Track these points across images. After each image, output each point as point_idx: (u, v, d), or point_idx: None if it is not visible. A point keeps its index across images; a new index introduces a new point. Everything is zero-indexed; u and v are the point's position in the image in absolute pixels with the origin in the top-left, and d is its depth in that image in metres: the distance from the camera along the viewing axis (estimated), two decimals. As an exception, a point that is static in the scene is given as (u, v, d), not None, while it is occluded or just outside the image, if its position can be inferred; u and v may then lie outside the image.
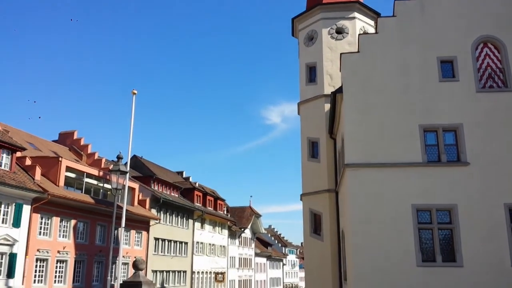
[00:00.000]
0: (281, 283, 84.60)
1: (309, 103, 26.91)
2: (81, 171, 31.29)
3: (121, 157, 15.90)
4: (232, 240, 59.28)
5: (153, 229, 38.29)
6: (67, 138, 38.88)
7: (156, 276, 38.75)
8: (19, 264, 24.72)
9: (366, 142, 18.49)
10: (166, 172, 52.02)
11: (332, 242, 24.13)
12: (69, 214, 28.88)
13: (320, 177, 25.38)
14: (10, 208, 24.59)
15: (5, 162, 25.35)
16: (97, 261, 31.20)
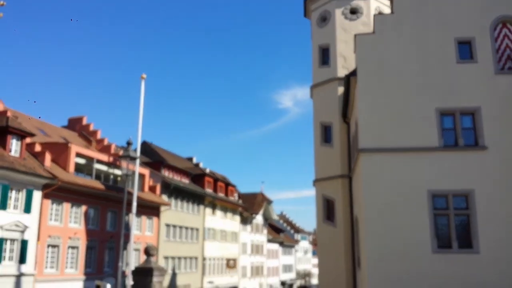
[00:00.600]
0: (293, 270, 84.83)
1: (322, 87, 26.39)
2: (90, 157, 31.25)
3: (131, 143, 15.68)
4: (244, 226, 59.31)
5: (164, 215, 38.32)
6: (77, 124, 38.86)
7: (167, 262, 38.90)
8: (30, 250, 24.87)
9: (381, 126, 18.03)
10: (176, 158, 51.96)
11: (345, 228, 23.83)
12: (80, 200, 28.92)
13: (333, 163, 24.97)
14: (20, 194, 24.64)
15: (15, 148, 25.34)
16: (108, 247, 31.31)
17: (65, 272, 27.37)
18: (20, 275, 24.11)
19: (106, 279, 24.52)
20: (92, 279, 26.74)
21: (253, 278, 61.79)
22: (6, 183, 23.57)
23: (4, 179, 23.39)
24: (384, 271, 16.65)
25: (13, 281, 23.71)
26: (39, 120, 35.11)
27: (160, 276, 12.76)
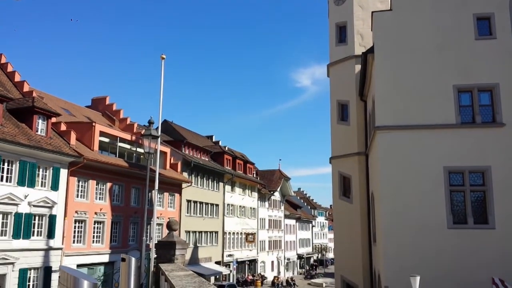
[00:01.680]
0: (310, 244, 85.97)
1: (339, 65, 26.42)
2: (114, 136, 32.05)
3: (152, 122, 16.15)
4: (262, 202, 60.20)
5: (185, 191, 39.24)
6: (100, 103, 39.71)
7: (189, 236, 40.01)
8: (58, 225, 25.91)
9: (398, 103, 18.15)
10: (196, 137, 52.71)
11: (361, 204, 24.20)
12: (105, 177, 29.82)
13: (350, 140, 25.20)
14: (48, 172, 25.56)
15: (41, 127, 26.17)
16: (132, 222, 32.38)
17: (92, 246, 28.51)
18: (49, 249, 25.21)
19: (131, 252, 25.42)
20: (117, 253, 27.74)
21: (271, 252, 63.00)
22: (34, 161, 24.47)
23: (31, 158, 24.28)
24: (400, 247, 17.04)
25: (42, 254, 24.82)
26: (63, 100, 36.00)
27: (182, 250, 13.28)
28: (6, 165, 23.13)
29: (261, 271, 58.39)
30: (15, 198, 23.23)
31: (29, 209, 24.10)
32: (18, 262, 23.13)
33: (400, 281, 16.06)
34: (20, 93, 29.25)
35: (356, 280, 24.44)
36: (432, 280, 16.03)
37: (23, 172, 23.80)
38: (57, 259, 25.57)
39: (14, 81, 30.12)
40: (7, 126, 23.88)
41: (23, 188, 23.75)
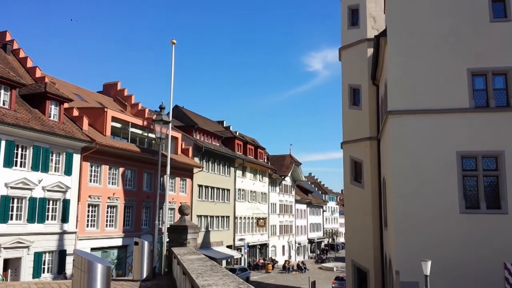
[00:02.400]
0: (321, 229, 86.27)
1: (351, 48, 26.11)
2: (126, 121, 32.24)
3: (163, 107, 16.17)
4: (273, 187, 60.37)
5: (196, 176, 39.47)
6: (111, 89, 39.89)
7: (200, 220, 40.39)
8: (72, 210, 26.30)
9: (411, 87, 17.92)
10: (207, 122, 52.80)
11: (372, 189, 24.13)
12: (117, 162, 30.09)
13: (362, 125, 25.03)
14: (61, 157, 25.85)
15: (54, 113, 26.39)
16: (145, 207, 32.73)
17: (105, 230, 28.94)
18: (63, 233, 25.63)
19: (143, 236, 25.76)
20: (130, 236, 28.16)
21: (282, 236, 63.37)
22: (47, 146, 24.75)
23: (45, 143, 24.55)
24: (411, 231, 16.99)
25: (57, 238, 25.25)
26: (75, 85, 36.21)
27: (194, 234, 13.41)
28: (20, 150, 23.42)
29: (272, 255, 58.85)
30: (29, 183, 23.57)
31: (43, 193, 24.45)
32: (33, 246, 23.56)
33: (411, 266, 16.06)
34: (32, 78, 29.47)
35: (367, 264, 24.52)
36: (444, 265, 16.01)
37: (37, 157, 24.09)
38: (71, 243, 25.99)
39: (26, 67, 30.32)
40: (20, 111, 24.12)
41: (37, 173, 24.07)
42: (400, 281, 16.59)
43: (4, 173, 22.23)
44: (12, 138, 22.74)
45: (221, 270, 5.64)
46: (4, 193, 22.23)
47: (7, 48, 30.36)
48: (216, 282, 4.37)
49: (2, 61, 27.82)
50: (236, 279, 4.57)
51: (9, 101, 23.54)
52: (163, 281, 11.18)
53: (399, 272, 16.70)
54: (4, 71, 23.72)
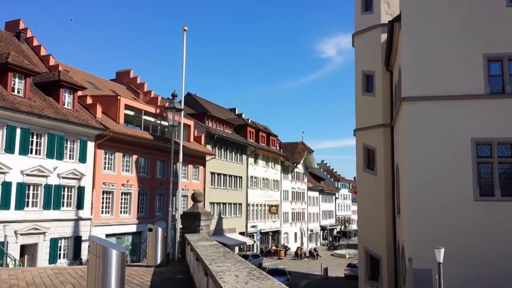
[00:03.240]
0: (333, 216, 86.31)
1: (364, 34, 25.78)
2: (139, 109, 32.41)
3: (175, 95, 16.21)
4: (285, 174, 60.42)
5: (209, 164, 39.65)
6: (124, 76, 40.06)
7: (213, 207, 40.66)
8: (87, 197, 26.65)
9: (425, 73, 17.68)
10: (219, 109, 52.84)
11: (386, 176, 24.01)
12: (131, 149, 30.33)
13: (375, 112, 24.82)
14: (75, 144, 26.12)
15: (68, 101, 26.62)
16: (158, 194, 33.04)
17: (120, 217, 29.30)
18: (78, 219, 26.01)
19: (157, 222, 26.05)
20: (144, 223, 28.49)
21: (294, 223, 63.59)
22: (62, 134, 25.01)
23: (59, 131, 24.81)
24: (424, 219, 16.90)
25: (72, 225, 25.64)
26: (88, 73, 36.43)
27: (207, 220, 13.52)
28: (35, 138, 23.72)
29: (285, 242, 59.15)
30: (45, 170, 23.90)
31: (59, 180, 24.78)
32: (49, 232, 23.97)
33: (424, 253, 16.01)
34: (46, 67, 29.71)
35: (380, 251, 24.51)
36: (457, 252, 15.92)
37: (52, 144, 24.39)
38: (87, 229, 26.38)
39: (40, 55, 30.55)
40: (35, 99, 24.37)
41: (52, 160, 24.38)
42: (413, 268, 16.57)
43: (19, 161, 22.56)
44: (27, 126, 23.02)
45: (234, 257, 5.69)
46: (20, 180, 22.58)
47: (21, 36, 30.59)
48: (229, 268, 4.40)
49: (16, 49, 28.06)
50: (249, 265, 4.60)
51: (24, 90, 23.79)
52: (177, 267, 11.31)
53: (412, 259, 16.68)
54: (18, 60, 23.94)
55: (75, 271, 10.83)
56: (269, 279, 3.57)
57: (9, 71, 23.05)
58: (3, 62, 22.98)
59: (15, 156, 22.38)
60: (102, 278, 4.38)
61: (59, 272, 10.63)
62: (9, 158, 22.03)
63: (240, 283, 3.45)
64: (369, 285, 25.48)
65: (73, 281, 9.35)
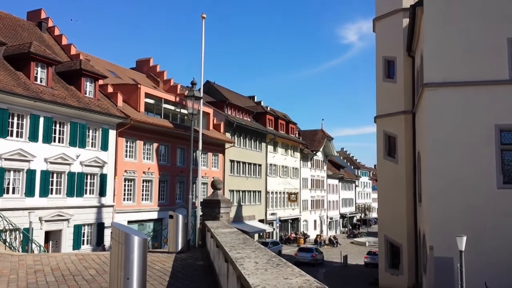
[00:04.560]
0: (353, 204, 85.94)
1: (385, 19, 25.36)
2: (159, 97, 32.63)
3: (195, 83, 16.22)
4: (304, 162, 60.28)
5: (228, 151, 39.80)
6: (144, 65, 40.31)
7: (233, 195, 40.89)
8: (109, 184, 27.07)
9: (448, 59, 17.33)
10: (238, 97, 52.82)
11: (407, 164, 23.75)
12: (151, 138, 30.62)
13: (396, 98, 24.49)
14: (97, 133, 26.49)
15: (89, 90, 26.94)
16: (178, 181, 33.36)
17: (141, 204, 29.71)
18: (101, 206, 26.47)
19: (178, 209, 26.31)
20: (165, 210, 28.84)
21: (313, 211, 63.56)
22: (84, 122, 25.38)
23: (81, 119, 25.18)
24: (446, 207, 16.70)
25: (95, 211, 26.12)
26: (109, 62, 36.76)
27: (226, 208, 13.58)
28: (58, 126, 24.12)
29: (304, 230, 59.23)
30: (68, 158, 24.34)
31: (81, 168, 25.22)
32: (73, 219, 24.48)
33: (446, 241, 15.85)
34: (67, 56, 30.06)
35: (400, 239, 24.36)
36: (479, 240, 15.70)
37: (74, 133, 24.79)
38: (109, 216, 26.84)
39: (61, 45, 30.92)
40: (57, 88, 24.74)
41: (75, 148, 24.80)
42: (434, 256, 16.43)
43: (43, 149, 23.02)
44: (50, 115, 23.43)
45: (254, 244, 5.71)
46: (44, 168, 23.06)
47: (42, 26, 30.98)
48: (248, 255, 4.42)
49: (38, 39, 28.46)
50: (268, 253, 4.61)
51: (46, 79, 24.17)
52: (198, 254, 11.44)
53: (433, 248, 16.53)
54: (40, 49, 24.29)
55: (98, 257, 11.05)
56: (288, 266, 3.57)
57: (31, 61, 23.42)
58: (26, 51, 23.35)
59: (39, 145, 22.84)
60: (125, 264, 4.45)
61: (82, 258, 10.87)
62: (33, 147, 22.49)
63: (260, 269, 3.46)
64: (389, 273, 25.40)
65: (97, 267, 9.55)
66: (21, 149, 21.88)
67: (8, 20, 28.49)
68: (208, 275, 8.43)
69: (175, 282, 7.84)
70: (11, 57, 23.62)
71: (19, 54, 23.57)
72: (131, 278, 4.46)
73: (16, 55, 23.62)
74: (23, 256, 11.63)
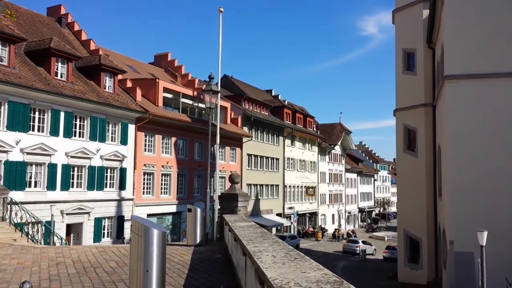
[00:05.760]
0: (372, 198, 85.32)
1: (405, 10, 24.98)
2: (177, 92, 32.81)
3: (212, 77, 16.23)
4: (322, 156, 60.02)
5: (245, 145, 39.85)
6: (162, 60, 40.55)
7: (250, 189, 40.97)
8: (129, 178, 27.39)
9: (469, 50, 16.97)
10: (255, 91, 52.76)
11: (427, 158, 23.44)
12: (169, 132, 30.84)
13: (416, 91, 24.15)
14: (117, 127, 26.79)
15: (109, 84, 27.24)
16: (197, 175, 33.58)
17: (160, 197, 30.01)
18: (121, 199, 26.82)
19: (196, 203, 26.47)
20: (183, 203, 29.04)
21: (331, 205, 63.31)
22: (104, 117, 25.69)
23: (101, 114, 25.49)
24: (466, 202, 16.44)
25: (115, 205, 26.48)
26: (128, 57, 37.07)
27: (244, 202, 13.61)
28: (78, 121, 24.47)
29: (322, 224, 59.08)
30: (88, 152, 24.69)
31: (101, 162, 25.56)
32: (93, 212, 24.87)
33: (466, 236, 15.60)
34: (87, 51, 30.41)
35: (420, 234, 24.11)
36: (500, 235, 15.43)
37: (94, 127, 25.12)
38: (129, 209, 27.19)
39: (81, 40, 31.29)
40: (77, 84, 25.08)
41: (95, 142, 25.14)
42: (454, 251, 16.21)
43: (64, 143, 23.39)
44: (71, 110, 23.77)
45: (271, 237, 5.71)
46: (65, 162, 23.45)
47: (62, 21, 31.39)
48: (266, 249, 4.42)
49: (58, 34, 28.85)
50: (286, 246, 4.61)
51: (66, 74, 24.51)
52: (216, 247, 11.51)
53: (453, 242, 16.30)
54: (60, 45, 24.63)
55: (118, 250, 11.21)
56: (306, 260, 3.56)
57: (52, 56, 23.77)
58: (46, 47, 23.71)
59: (60, 139, 23.21)
60: (144, 256, 4.50)
61: (103, 250, 11.04)
62: (54, 141, 22.88)
63: (278, 263, 3.46)
64: (408, 268, 25.18)
65: (117, 259, 9.69)
66: (43, 143, 22.27)
67: (29, 16, 28.93)
68: (226, 268, 8.48)
69: (194, 275, 7.90)
70: (32, 53, 24.03)
71: (39, 50, 23.96)
72: (151, 270, 4.51)
73: (36, 50, 24.02)
74: (45, 249, 11.87)
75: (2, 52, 21.43)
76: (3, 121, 20.63)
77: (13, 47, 21.93)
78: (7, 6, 26.90)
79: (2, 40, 21.32)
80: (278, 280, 2.76)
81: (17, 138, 21.10)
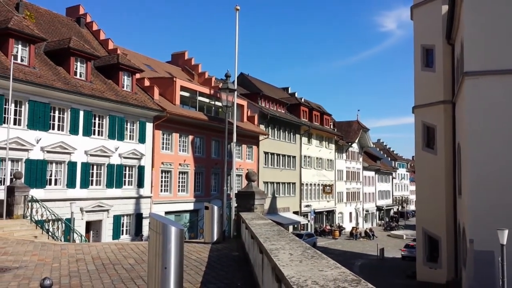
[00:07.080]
0: (390, 196, 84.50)
1: (424, 6, 24.63)
2: (194, 90, 32.98)
3: (229, 76, 16.26)
4: (339, 154, 59.66)
5: (262, 143, 39.86)
6: (179, 58, 40.79)
7: (267, 186, 40.98)
8: (147, 176, 27.65)
9: (489, 46, 16.68)
10: (272, 89, 52.68)
11: (446, 155, 23.12)
12: (187, 130, 31.03)
13: (435, 88, 23.82)
14: (135, 126, 27.06)
15: (127, 83, 27.52)
16: (214, 173, 33.71)
17: (178, 195, 30.24)
18: (139, 197, 27.10)
19: (213, 201, 26.65)
20: (201, 201, 29.22)
21: (349, 203, 62.91)
22: (122, 116, 25.97)
23: (119, 113, 25.77)
24: (487, 200, 16.19)
25: (133, 202, 26.78)
26: (145, 56, 37.39)
27: (261, 199, 13.58)
28: (97, 119, 24.79)
29: (339, 222, 58.77)
30: (107, 151, 25.00)
31: (120, 160, 25.86)
32: (112, 209, 25.18)
33: (487, 234, 15.36)
34: (105, 50, 30.76)
35: (439, 232, 23.81)
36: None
37: (113, 126, 25.41)
38: (147, 207, 27.45)
39: (99, 40, 31.66)
40: (96, 83, 25.39)
41: (114, 141, 25.44)
42: (474, 250, 15.97)
43: (83, 142, 23.73)
44: (90, 109, 24.09)
45: (288, 235, 5.70)
46: (84, 160, 23.78)
47: (81, 21, 31.81)
48: (283, 247, 4.42)
49: (76, 34, 29.24)
50: (303, 244, 4.59)
51: (85, 73, 24.85)
52: (233, 244, 11.54)
53: (473, 241, 16.06)
54: (79, 44, 24.96)
55: (137, 247, 11.33)
56: (323, 259, 3.54)
57: (71, 56, 24.11)
58: (66, 47, 24.06)
59: (79, 137, 23.54)
60: (162, 253, 4.53)
61: (122, 248, 11.18)
62: (73, 139, 23.22)
63: (295, 261, 3.45)
64: (427, 266, 24.89)
65: (135, 256, 9.79)
66: (63, 141, 22.63)
67: (48, 16, 29.39)
68: (243, 266, 8.50)
69: (211, 272, 7.94)
70: (51, 53, 24.42)
71: (59, 50, 24.33)
72: (169, 267, 4.54)
73: (56, 50, 24.39)
74: (65, 246, 12.07)
75: (23, 52, 21.82)
76: (24, 120, 21.02)
77: (33, 47, 22.31)
78: (27, 7, 27.38)
79: (22, 40, 21.70)
80: (295, 278, 2.75)
81: (38, 137, 21.48)
